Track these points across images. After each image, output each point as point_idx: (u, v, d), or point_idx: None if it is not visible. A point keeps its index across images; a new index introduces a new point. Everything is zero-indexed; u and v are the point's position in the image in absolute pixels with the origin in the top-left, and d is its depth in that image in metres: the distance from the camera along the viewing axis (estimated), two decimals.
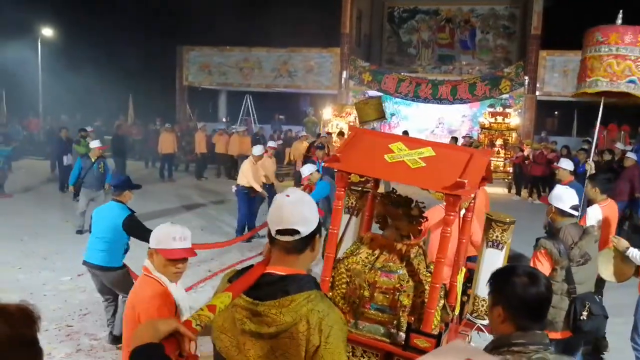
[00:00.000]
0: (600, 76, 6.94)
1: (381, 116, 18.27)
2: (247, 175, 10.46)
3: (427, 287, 3.24)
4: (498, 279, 2.31)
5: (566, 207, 4.59)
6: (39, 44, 27.53)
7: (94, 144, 11.15)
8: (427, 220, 3.62)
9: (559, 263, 4.37)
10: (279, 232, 2.05)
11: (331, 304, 2.07)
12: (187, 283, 7.72)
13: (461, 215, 5.00)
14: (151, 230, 5.92)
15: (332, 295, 3.38)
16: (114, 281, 5.90)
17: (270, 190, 11.05)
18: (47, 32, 28.20)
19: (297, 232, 2.03)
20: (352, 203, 4.15)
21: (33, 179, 17.33)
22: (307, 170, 9.27)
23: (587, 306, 4.38)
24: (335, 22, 23.73)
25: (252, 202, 10.72)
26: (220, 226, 11.73)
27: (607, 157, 13.72)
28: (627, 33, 6.84)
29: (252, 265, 2.12)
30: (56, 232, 10.76)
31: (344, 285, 3.41)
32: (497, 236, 3.93)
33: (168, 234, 3.24)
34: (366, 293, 3.33)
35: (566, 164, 8.26)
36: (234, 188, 10.76)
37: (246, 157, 17.59)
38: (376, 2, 27.36)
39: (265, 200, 10.99)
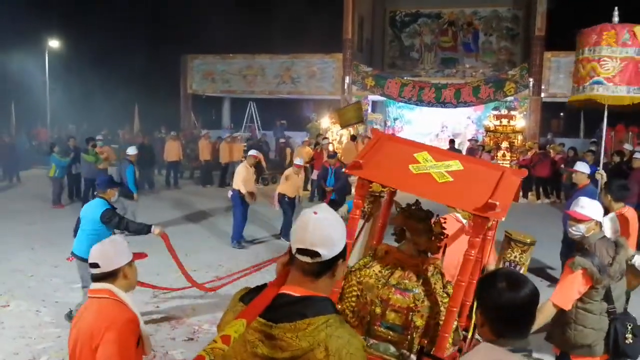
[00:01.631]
0: (573, 83, 7.09)
1: (359, 119, 18.54)
2: (236, 178, 10.51)
3: (442, 308, 3.10)
4: (480, 281, 2.28)
5: (601, 218, 4.15)
6: (47, 55, 27.71)
7: (132, 150, 11.77)
8: (447, 237, 3.45)
9: (600, 282, 3.87)
10: (299, 251, 1.89)
11: (352, 330, 1.93)
12: (191, 291, 7.78)
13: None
14: (128, 221, 6.45)
15: (340, 307, 3.22)
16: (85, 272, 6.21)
17: (290, 204, 11.06)
18: (54, 43, 28.41)
19: (317, 254, 1.87)
20: (364, 207, 3.97)
21: (42, 188, 17.39)
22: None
23: (630, 327, 3.94)
24: (337, 28, 23.80)
25: (247, 207, 10.67)
26: (225, 232, 11.68)
27: (616, 159, 13.69)
28: (591, 35, 6.76)
29: (265, 285, 1.99)
30: (66, 240, 10.75)
31: (353, 299, 3.27)
32: (515, 256, 3.75)
33: (121, 242, 3.17)
34: (378, 310, 3.17)
35: (583, 167, 8.02)
36: (229, 193, 10.75)
37: (236, 164, 17.60)
38: (378, 7, 27.43)
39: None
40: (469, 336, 3.49)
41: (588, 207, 4.05)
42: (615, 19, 6.85)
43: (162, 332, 6.37)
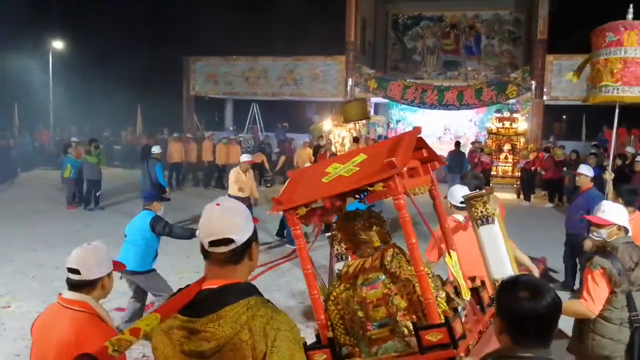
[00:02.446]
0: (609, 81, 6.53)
1: (364, 116, 18.47)
2: (229, 184, 10.47)
3: (415, 280, 3.06)
4: (501, 287, 2.25)
5: (626, 222, 3.99)
6: (50, 56, 27.80)
7: (156, 149, 11.26)
8: (384, 220, 3.44)
9: (619, 285, 3.73)
10: (212, 243, 1.94)
11: (276, 308, 1.94)
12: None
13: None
14: (172, 226, 6.45)
15: (334, 335, 3.20)
16: (145, 283, 6.49)
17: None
18: (58, 44, 28.49)
19: (231, 241, 1.92)
20: (339, 249, 3.93)
21: (44, 190, 17.46)
22: None
23: None
24: (340, 31, 23.83)
25: None
26: None
27: (617, 162, 13.68)
28: (618, 30, 6.42)
29: (188, 285, 2.00)
30: (67, 241, 10.82)
31: (340, 322, 3.28)
32: (481, 211, 3.74)
33: (105, 250, 3.04)
34: (360, 313, 3.17)
35: (586, 170, 8.03)
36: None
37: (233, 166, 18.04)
38: (380, 10, 27.45)
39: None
40: (466, 298, 3.42)
41: (609, 211, 3.97)
42: (630, 16, 6.68)
43: None
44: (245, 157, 10.99)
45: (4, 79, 27.15)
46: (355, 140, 19.00)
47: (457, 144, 18.96)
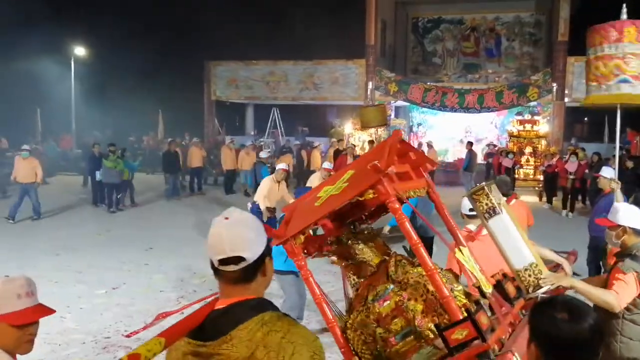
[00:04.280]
0: (591, 81, 6.56)
1: (383, 123, 18.38)
2: (258, 191, 9.88)
3: (425, 280, 2.97)
4: (534, 310, 2.03)
5: (635, 224, 3.91)
6: (72, 62, 28.19)
7: (264, 153, 11.08)
8: (372, 223, 3.42)
9: None
10: (221, 262, 1.77)
11: (293, 321, 1.80)
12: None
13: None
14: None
15: None
16: (282, 284, 6.35)
17: None
18: (80, 51, 28.89)
19: (242, 259, 1.76)
20: (352, 280, 3.78)
21: (66, 195, 17.71)
22: None
23: None
24: (360, 34, 23.84)
25: (269, 223, 9.80)
26: None
27: (629, 164, 13.50)
28: (608, 31, 6.39)
29: (203, 306, 1.87)
30: (90, 246, 10.97)
31: (364, 347, 3.12)
32: (486, 204, 3.56)
33: (10, 292, 2.32)
34: (379, 330, 3.03)
35: (607, 172, 7.93)
36: (249, 205, 10.01)
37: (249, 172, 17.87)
38: (400, 13, 27.41)
39: None
40: (488, 290, 3.27)
41: (614, 212, 3.97)
42: (624, 16, 6.61)
43: None
44: (281, 166, 10.17)
45: (27, 85, 27.58)
46: (371, 143, 19.04)
47: (470, 144, 19.03)
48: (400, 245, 4.25)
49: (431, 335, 2.92)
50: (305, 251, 3.16)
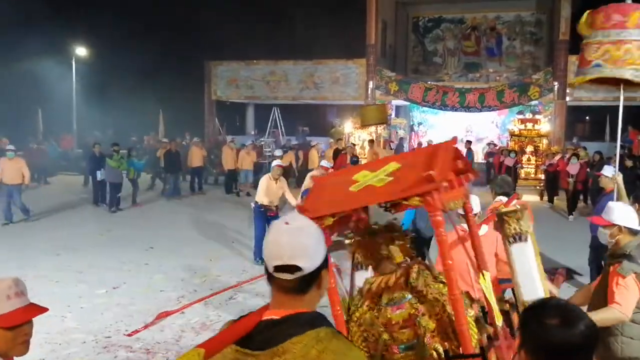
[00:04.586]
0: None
1: (382, 121, 18.38)
2: (258, 190, 9.91)
3: (444, 299, 2.90)
4: (525, 314, 1.96)
5: (636, 224, 3.92)
6: (73, 62, 28.20)
7: (276, 162, 10.39)
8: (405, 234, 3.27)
9: None
10: (277, 268, 1.68)
11: (348, 342, 1.74)
12: (215, 298, 7.84)
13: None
14: None
15: None
16: None
17: None
18: (81, 51, 28.92)
19: (298, 268, 1.66)
20: (358, 259, 3.74)
21: (67, 195, 17.70)
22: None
23: None
24: (360, 34, 23.83)
25: (270, 221, 9.66)
26: (249, 238, 11.63)
27: (628, 163, 13.48)
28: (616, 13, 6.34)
29: (250, 313, 1.79)
30: (90, 246, 10.95)
31: (364, 344, 3.08)
32: (514, 228, 3.54)
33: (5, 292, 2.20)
34: (385, 336, 2.98)
35: (609, 171, 7.92)
36: (252, 204, 10.09)
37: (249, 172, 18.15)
38: (401, 13, 27.39)
39: None
40: (499, 324, 3.26)
41: (609, 211, 3.95)
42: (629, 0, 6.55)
43: (186, 339, 6.40)
44: (276, 162, 10.17)
45: (29, 85, 27.60)
46: (371, 142, 19.04)
47: (469, 142, 19.10)
48: None
49: (435, 355, 2.90)
50: (328, 231, 2.99)
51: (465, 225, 4.76)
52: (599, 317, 3.69)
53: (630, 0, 6.12)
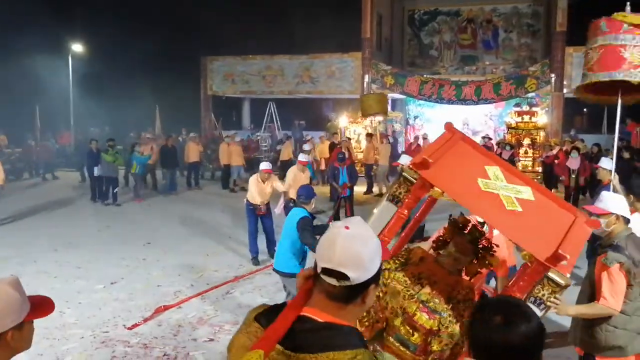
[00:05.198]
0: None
1: (383, 111, 18.29)
2: (249, 189, 9.74)
3: (464, 340, 2.83)
4: (474, 310, 1.92)
5: (624, 212, 3.96)
6: (70, 59, 28.12)
7: (264, 166, 9.93)
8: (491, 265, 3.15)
9: (635, 278, 3.75)
10: (324, 270, 1.62)
11: None
12: (212, 292, 7.84)
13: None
14: (314, 238, 5.92)
15: None
16: (289, 287, 6.35)
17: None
18: (77, 47, 28.84)
19: (345, 277, 1.59)
20: (400, 192, 3.55)
21: (65, 191, 17.67)
22: None
23: None
24: (356, 27, 23.73)
25: (262, 219, 9.76)
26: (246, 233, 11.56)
27: (625, 155, 13.47)
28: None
29: (284, 304, 1.74)
30: (89, 242, 10.95)
31: (366, 317, 3.02)
32: (543, 294, 3.32)
33: (12, 296, 1.98)
34: (397, 322, 2.93)
35: (606, 164, 7.89)
36: (245, 201, 9.94)
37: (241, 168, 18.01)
38: (396, 6, 27.31)
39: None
40: None
41: (606, 200, 3.97)
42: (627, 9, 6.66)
43: (183, 333, 6.41)
44: (264, 166, 9.83)
45: (26, 82, 27.52)
46: (369, 136, 18.98)
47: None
48: None
49: None
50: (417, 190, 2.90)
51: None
52: (589, 311, 3.78)
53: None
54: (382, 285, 2.95)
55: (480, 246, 3.03)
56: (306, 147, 14.93)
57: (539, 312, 3.27)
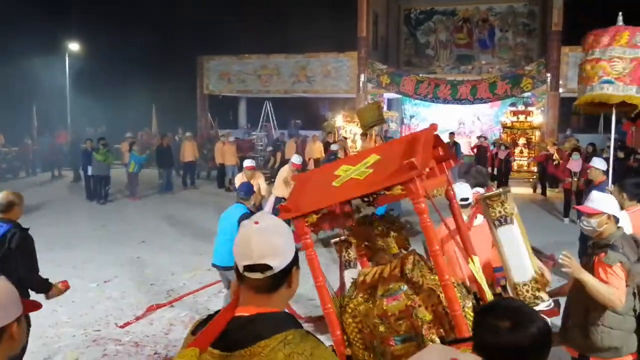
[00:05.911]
0: (580, 84, 6.94)
1: (380, 119, 18.35)
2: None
3: (440, 290, 2.91)
4: (477, 316, 1.94)
5: (615, 211, 3.94)
6: (67, 58, 28.10)
7: (247, 163, 9.77)
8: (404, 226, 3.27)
9: (632, 278, 3.74)
10: (247, 268, 1.69)
11: (317, 342, 1.71)
12: (205, 291, 7.85)
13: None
14: None
15: (352, 352, 3.04)
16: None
17: None
18: (74, 46, 28.83)
19: (268, 267, 1.68)
20: (347, 256, 3.73)
21: (60, 190, 17.67)
22: None
23: None
24: (352, 26, 23.73)
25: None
26: None
27: (620, 154, 13.50)
28: (603, 35, 6.72)
29: (218, 312, 1.79)
30: (84, 241, 10.95)
31: (358, 336, 3.07)
32: (499, 211, 3.50)
33: (10, 291, 2.01)
34: (382, 328, 2.96)
35: (599, 163, 7.90)
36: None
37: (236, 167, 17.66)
38: (392, 5, 27.32)
39: None
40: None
41: (598, 200, 3.94)
42: (620, 23, 6.85)
43: (174, 332, 6.43)
44: (247, 163, 9.71)
45: (22, 81, 27.52)
46: (364, 136, 18.99)
47: (452, 134, 19.02)
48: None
49: (426, 344, 2.85)
50: (312, 228, 2.99)
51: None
52: (600, 288, 3.66)
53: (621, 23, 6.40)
54: (354, 319, 3.05)
55: (385, 222, 3.12)
56: (334, 147, 14.89)
57: (513, 226, 3.43)
